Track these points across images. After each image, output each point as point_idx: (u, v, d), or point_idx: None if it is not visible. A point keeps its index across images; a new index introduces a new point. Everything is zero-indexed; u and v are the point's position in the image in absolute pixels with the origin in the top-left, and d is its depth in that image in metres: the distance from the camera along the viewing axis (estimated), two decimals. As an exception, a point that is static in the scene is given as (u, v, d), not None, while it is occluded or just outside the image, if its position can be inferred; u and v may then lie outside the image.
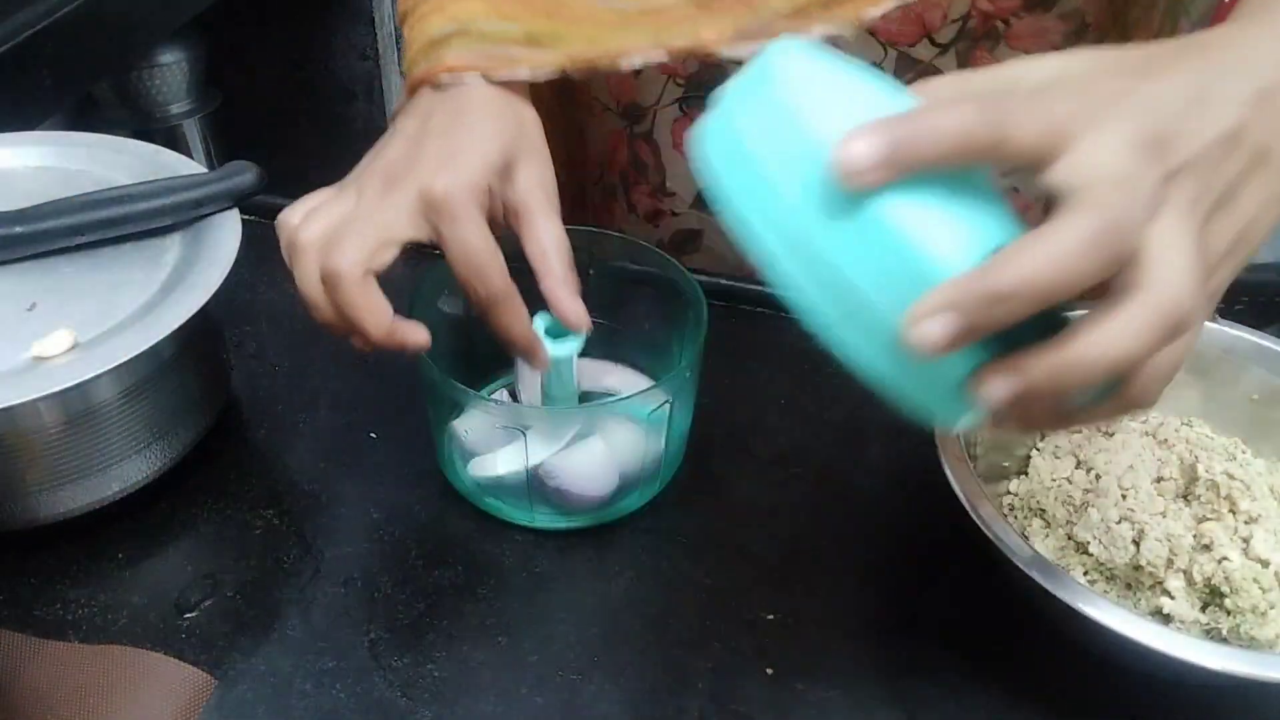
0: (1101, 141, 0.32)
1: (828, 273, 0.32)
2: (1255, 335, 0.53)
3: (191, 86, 1.47)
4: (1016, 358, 0.32)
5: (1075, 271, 0.30)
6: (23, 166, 0.56)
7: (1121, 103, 0.33)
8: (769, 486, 0.55)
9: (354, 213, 0.46)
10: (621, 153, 0.72)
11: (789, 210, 0.32)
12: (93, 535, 0.51)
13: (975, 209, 0.33)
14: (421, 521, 0.52)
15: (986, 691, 0.46)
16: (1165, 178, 0.32)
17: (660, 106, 0.67)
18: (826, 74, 0.35)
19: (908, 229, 0.31)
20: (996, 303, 0.30)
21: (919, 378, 0.33)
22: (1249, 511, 0.47)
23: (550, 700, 0.45)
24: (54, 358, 0.45)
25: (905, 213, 0.31)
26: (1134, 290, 0.31)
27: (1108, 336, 0.31)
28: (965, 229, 0.32)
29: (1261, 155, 0.34)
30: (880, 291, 0.31)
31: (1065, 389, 0.32)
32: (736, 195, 0.33)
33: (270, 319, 0.64)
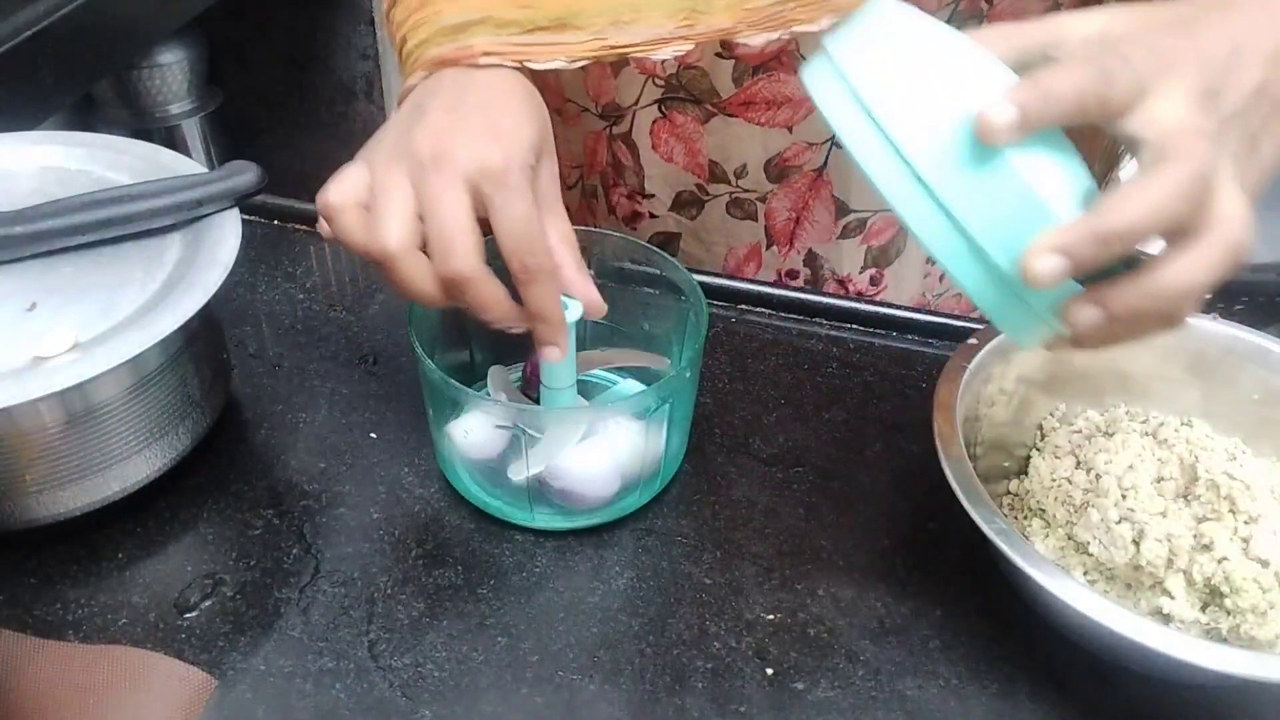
0: (1171, 96, 0.36)
1: (954, 209, 0.36)
2: (1255, 335, 0.53)
3: (191, 86, 1.47)
4: (1108, 289, 0.37)
5: (1170, 215, 0.35)
6: (23, 166, 0.56)
7: (1179, 60, 0.37)
8: (769, 486, 0.55)
9: (429, 205, 0.43)
10: (601, 153, 0.72)
11: (922, 153, 0.36)
12: (93, 535, 0.51)
13: (1065, 157, 0.38)
14: (421, 521, 0.52)
15: (986, 691, 0.46)
16: (1220, 127, 0.37)
17: (639, 107, 0.67)
18: (932, 28, 0.39)
19: (1028, 177, 0.35)
20: (1103, 244, 0.35)
21: (1018, 301, 0.37)
22: (1249, 511, 0.47)
23: (550, 700, 0.45)
24: (54, 358, 0.45)
25: (1025, 164, 0.35)
26: (1204, 230, 0.36)
27: (1187, 271, 0.36)
28: (1064, 176, 0.37)
29: (1277, 105, 0.38)
30: (1000, 227, 0.36)
31: (1146, 316, 0.37)
32: (863, 138, 0.37)
33: (270, 319, 0.64)
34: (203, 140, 1.51)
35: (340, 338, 0.63)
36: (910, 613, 0.49)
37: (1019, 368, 0.54)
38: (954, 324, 0.65)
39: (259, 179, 0.54)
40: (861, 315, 0.66)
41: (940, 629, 0.49)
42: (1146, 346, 0.54)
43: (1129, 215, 0.35)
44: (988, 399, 0.53)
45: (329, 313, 0.65)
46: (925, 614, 0.49)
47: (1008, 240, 0.36)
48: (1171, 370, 0.54)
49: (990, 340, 0.52)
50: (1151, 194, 0.35)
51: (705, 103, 0.65)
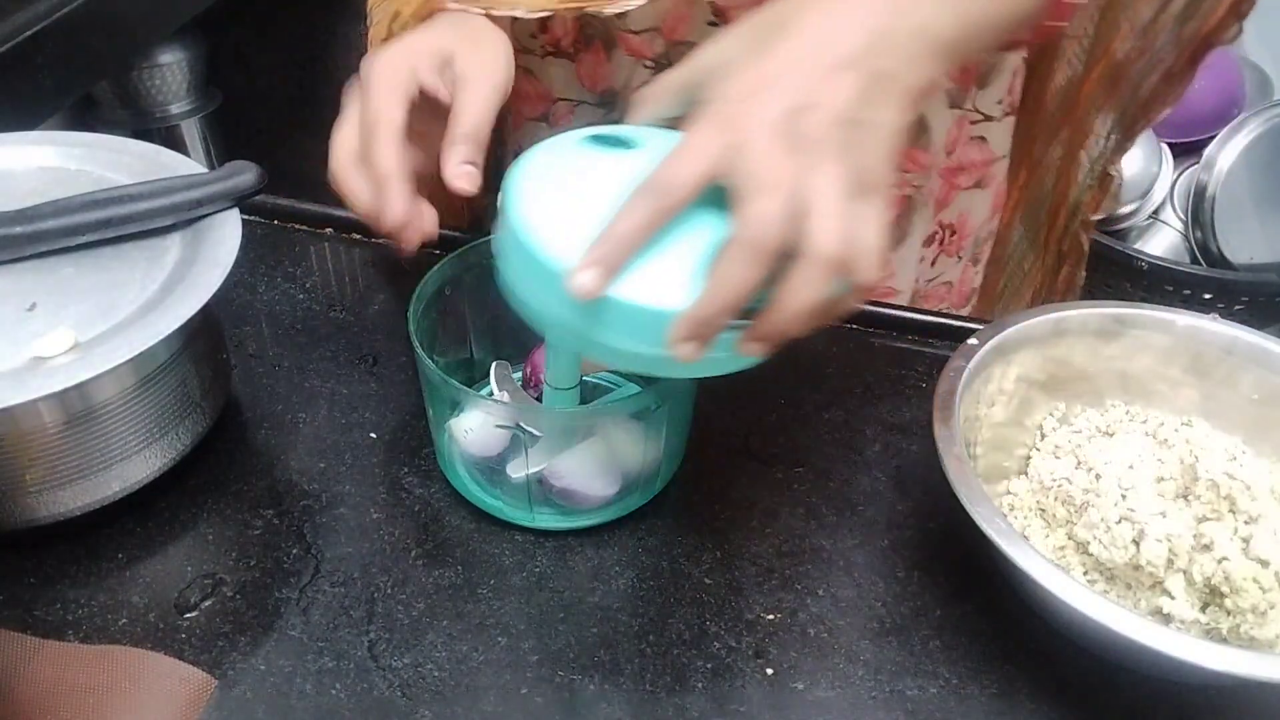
0: (755, 135, 0.40)
1: (594, 336, 0.42)
2: (1255, 335, 0.53)
3: (191, 86, 1.47)
4: (757, 325, 0.41)
5: (751, 282, 0.39)
6: (23, 166, 0.56)
7: (759, 92, 0.41)
8: (768, 487, 0.55)
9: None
10: None
11: (559, 310, 0.42)
12: (93, 535, 0.51)
13: (677, 246, 0.41)
14: (421, 521, 0.52)
15: (986, 691, 0.46)
16: (805, 147, 0.39)
17: (631, 90, 0.68)
18: (552, 193, 0.44)
19: (635, 299, 0.40)
20: (711, 324, 0.40)
21: (692, 368, 0.42)
22: (1249, 511, 0.47)
23: (550, 700, 0.45)
24: (54, 358, 0.45)
25: (629, 289, 0.40)
26: (801, 253, 0.39)
27: (798, 295, 0.40)
28: (676, 262, 0.41)
29: (869, 97, 0.41)
30: (633, 337, 0.41)
31: (794, 329, 0.41)
32: (521, 296, 0.44)
33: (270, 319, 0.64)
34: (203, 140, 1.51)
35: (340, 338, 0.63)
36: (910, 613, 0.49)
37: (1019, 368, 0.54)
38: (954, 324, 0.65)
39: (259, 179, 0.54)
40: (861, 315, 0.66)
41: (940, 629, 0.49)
42: (1146, 346, 0.54)
43: (717, 302, 0.39)
44: (988, 399, 0.53)
45: (329, 313, 0.65)
46: (925, 614, 0.49)
47: (648, 340, 0.41)
48: (1171, 370, 0.54)
49: (990, 340, 0.52)
50: (725, 280, 0.39)
51: None
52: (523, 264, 0.43)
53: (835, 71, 0.41)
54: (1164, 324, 0.54)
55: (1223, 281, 1.66)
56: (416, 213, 0.51)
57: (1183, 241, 1.74)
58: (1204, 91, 1.77)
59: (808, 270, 0.39)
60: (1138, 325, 0.54)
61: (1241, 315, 1.70)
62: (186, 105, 1.48)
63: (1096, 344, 0.55)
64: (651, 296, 0.41)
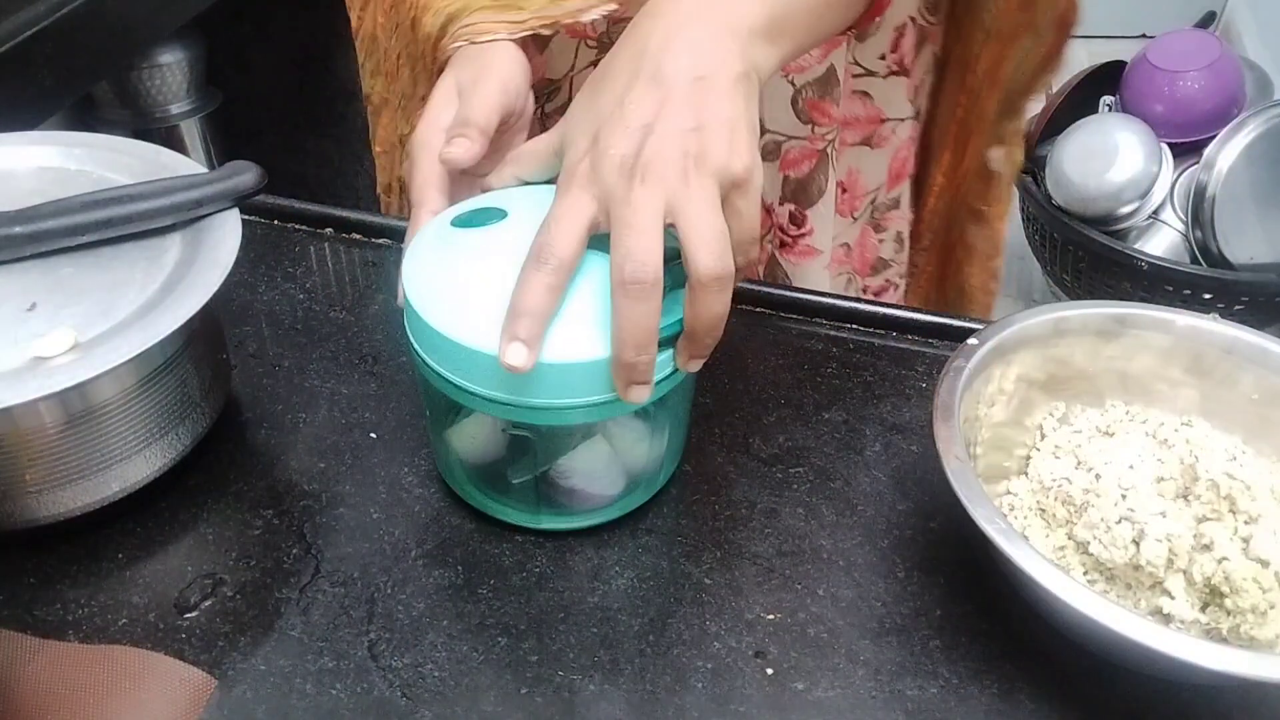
0: (609, 197, 0.44)
1: (533, 402, 0.45)
2: (1255, 335, 0.53)
3: (191, 86, 1.47)
4: (681, 351, 0.46)
5: (650, 315, 0.42)
6: (23, 166, 0.56)
7: (599, 148, 0.45)
8: (769, 486, 0.55)
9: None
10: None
11: (486, 387, 0.45)
12: (93, 535, 0.51)
13: (579, 296, 0.45)
14: (422, 521, 0.52)
15: (986, 691, 0.46)
16: (657, 174, 0.43)
17: (575, 73, 0.68)
18: (450, 283, 0.47)
19: (568, 357, 0.44)
20: (637, 365, 0.43)
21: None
22: (1249, 511, 0.47)
23: (550, 700, 0.45)
24: (54, 358, 0.45)
25: (557, 352, 0.44)
26: (687, 280, 0.43)
27: (705, 316, 0.44)
28: (589, 320, 0.44)
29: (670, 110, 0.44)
30: (576, 389, 0.45)
31: (712, 341, 0.45)
32: (443, 383, 0.47)
33: (270, 319, 0.64)
34: (203, 140, 1.51)
35: (340, 338, 0.63)
36: (910, 613, 0.49)
37: (1019, 367, 0.54)
38: (954, 324, 0.65)
39: (259, 179, 0.54)
40: (861, 315, 0.66)
41: (940, 629, 0.49)
42: (1146, 346, 0.54)
43: (632, 332, 0.43)
44: (988, 399, 0.53)
45: (329, 313, 0.65)
46: (925, 614, 0.49)
47: (584, 389, 0.45)
48: (1171, 370, 0.54)
49: (990, 340, 0.52)
50: (628, 295, 0.42)
51: None
52: (443, 357, 0.46)
53: (657, 92, 0.45)
54: (1164, 324, 0.54)
55: (1223, 281, 1.66)
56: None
57: (1183, 241, 1.74)
58: (1204, 91, 1.77)
59: (701, 293, 0.43)
60: (1138, 325, 0.54)
61: (1241, 315, 1.70)
62: (186, 105, 1.48)
63: (1096, 344, 0.55)
64: (578, 352, 0.44)
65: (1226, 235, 1.68)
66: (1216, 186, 1.68)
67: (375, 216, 0.72)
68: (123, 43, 1.06)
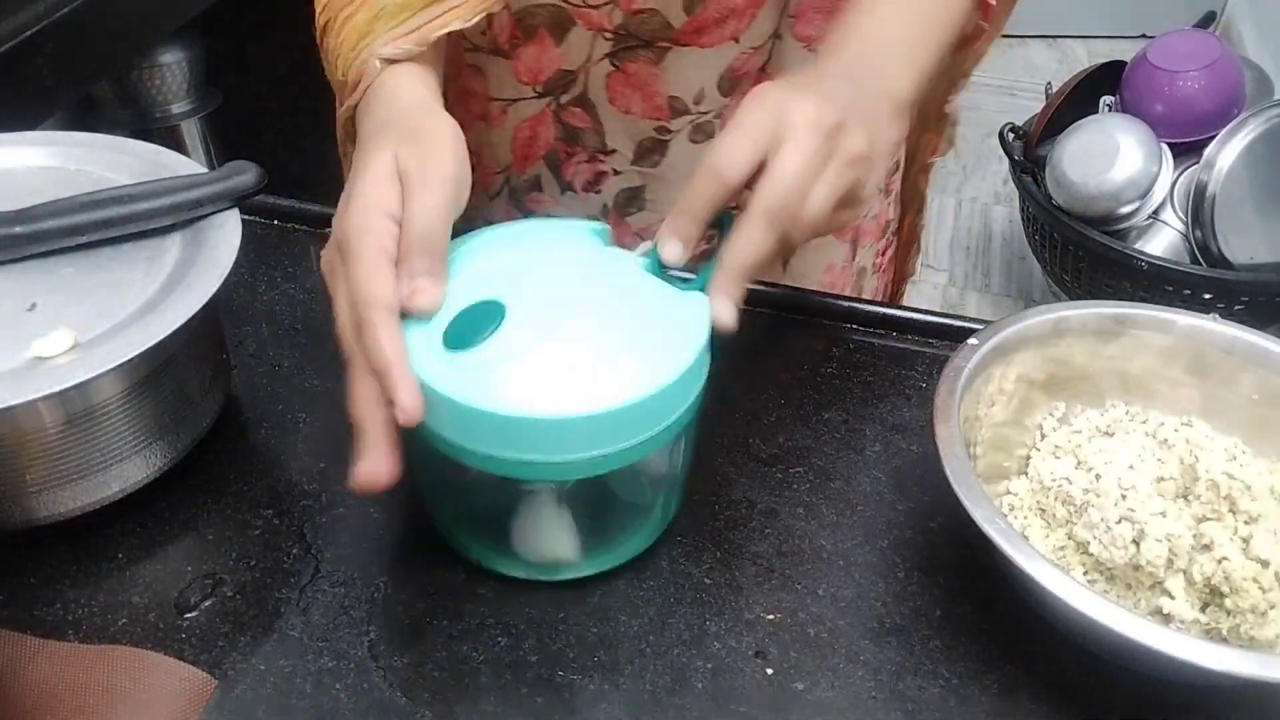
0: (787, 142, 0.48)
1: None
2: (1255, 335, 0.53)
3: (191, 86, 1.47)
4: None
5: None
6: (23, 166, 0.56)
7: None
8: (769, 486, 0.55)
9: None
10: (544, 135, 0.72)
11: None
12: (93, 535, 0.51)
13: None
14: (422, 522, 0.52)
15: (986, 691, 0.46)
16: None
17: (591, 64, 0.68)
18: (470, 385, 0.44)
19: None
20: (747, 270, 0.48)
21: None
22: (1249, 511, 0.47)
23: (550, 700, 0.45)
24: (54, 358, 0.45)
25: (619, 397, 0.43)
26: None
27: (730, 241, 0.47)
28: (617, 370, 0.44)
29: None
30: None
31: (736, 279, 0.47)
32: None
33: (270, 319, 0.64)
34: (203, 140, 1.51)
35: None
36: (910, 613, 0.49)
37: (1019, 367, 0.54)
38: (954, 324, 0.65)
39: (259, 179, 0.54)
40: (861, 315, 0.66)
41: (940, 629, 0.49)
42: (1146, 346, 0.54)
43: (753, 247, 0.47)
44: (988, 399, 0.53)
45: (329, 313, 0.65)
46: (925, 614, 0.49)
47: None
48: (1171, 370, 0.54)
49: (990, 340, 0.52)
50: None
51: (658, 41, 0.66)
52: (508, 439, 0.43)
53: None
54: (1164, 324, 0.54)
55: (1223, 281, 1.66)
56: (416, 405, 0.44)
57: (1183, 241, 1.74)
58: (1204, 91, 1.77)
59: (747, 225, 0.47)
60: (1138, 325, 0.54)
61: (1241, 315, 1.70)
62: (186, 105, 1.48)
63: (1096, 344, 0.55)
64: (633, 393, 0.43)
65: (1226, 235, 1.68)
66: (1216, 186, 1.68)
67: (375, 216, 0.72)
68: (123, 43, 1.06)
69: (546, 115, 0.71)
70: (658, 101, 0.69)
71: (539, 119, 0.71)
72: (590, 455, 0.44)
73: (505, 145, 0.73)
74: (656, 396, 0.43)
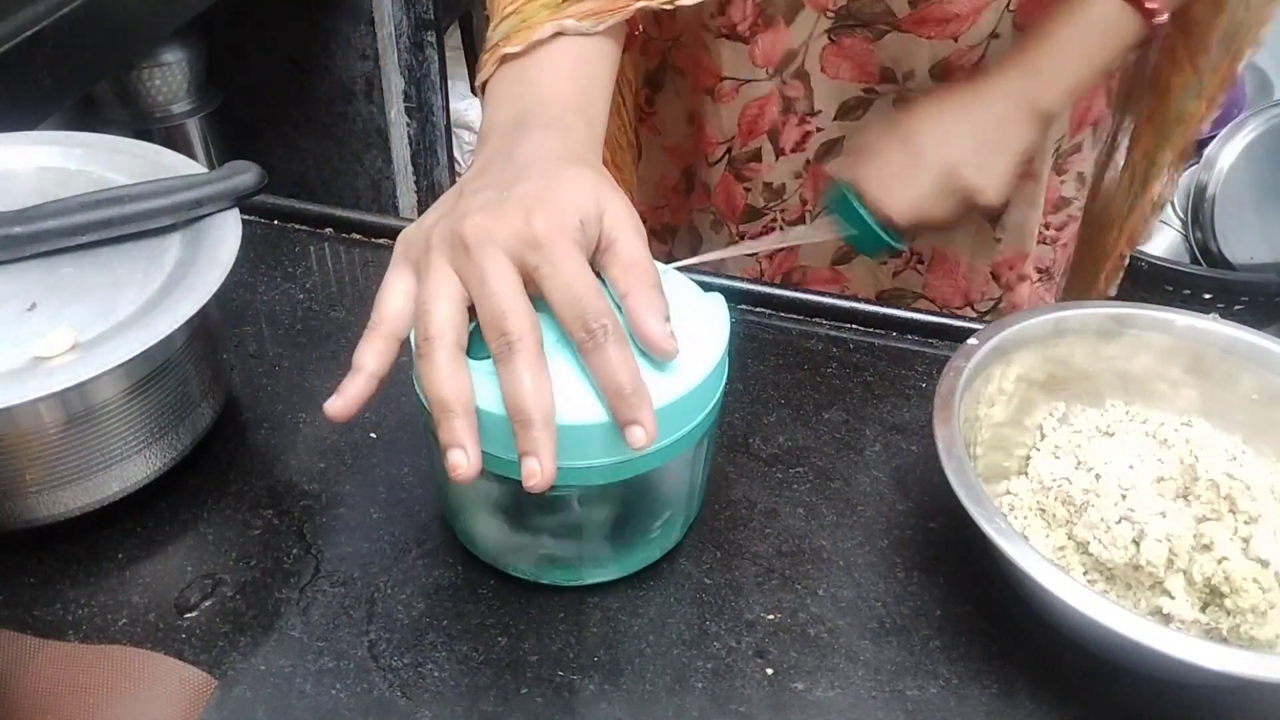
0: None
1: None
2: (1255, 335, 0.53)
3: (191, 86, 1.47)
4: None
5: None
6: (23, 166, 0.56)
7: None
8: (769, 486, 0.55)
9: (476, 286, 0.43)
10: (770, 111, 0.75)
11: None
12: (93, 535, 0.51)
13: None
14: (421, 521, 0.52)
15: (986, 691, 0.46)
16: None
17: (811, 39, 0.71)
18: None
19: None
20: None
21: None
22: (1249, 511, 0.47)
23: (550, 700, 0.45)
24: (54, 358, 0.45)
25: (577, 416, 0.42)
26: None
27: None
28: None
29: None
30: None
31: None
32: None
33: (270, 319, 0.64)
34: (203, 140, 1.51)
35: (340, 338, 0.63)
36: (910, 613, 0.49)
37: (1019, 367, 0.54)
38: (954, 324, 0.65)
39: (259, 179, 0.54)
40: (861, 315, 0.66)
41: (940, 629, 0.49)
42: (1146, 346, 0.54)
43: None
44: (988, 399, 0.53)
45: (329, 313, 0.65)
46: (925, 614, 0.49)
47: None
48: (1171, 370, 0.54)
49: (990, 340, 0.52)
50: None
51: (878, 24, 0.69)
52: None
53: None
54: (1164, 324, 0.54)
55: (1223, 281, 1.66)
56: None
57: (1183, 241, 1.74)
58: (1204, 91, 1.77)
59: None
60: (1138, 325, 0.54)
61: (1241, 315, 1.70)
62: (186, 105, 1.48)
63: (1096, 344, 0.55)
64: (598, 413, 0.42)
65: (1226, 235, 1.68)
66: (1216, 186, 1.68)
67: (375, 216, 0.72)
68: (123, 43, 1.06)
69: (774, 95, 0.73)
70: (869, 69, 0.72)
71: (767, 99, 0.74)
72: (613, 461, 0.43)
73: (732, 120, 0.75)
74: (682, 400, 0.43)
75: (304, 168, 1.67)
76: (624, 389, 0.40)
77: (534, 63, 0.53)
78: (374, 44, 1.54)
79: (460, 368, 0.41)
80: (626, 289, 0.43)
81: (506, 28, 0.54)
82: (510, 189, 0.44)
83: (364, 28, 1.53)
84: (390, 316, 0.44)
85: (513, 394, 0.40)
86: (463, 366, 0.42)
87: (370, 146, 1.61)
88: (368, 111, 1.59)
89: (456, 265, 0.43)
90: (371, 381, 0.44)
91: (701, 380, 0.44)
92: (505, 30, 0.54)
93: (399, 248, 0.46)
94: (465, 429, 0.41)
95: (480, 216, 0.43)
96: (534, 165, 0.46)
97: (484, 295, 0.41)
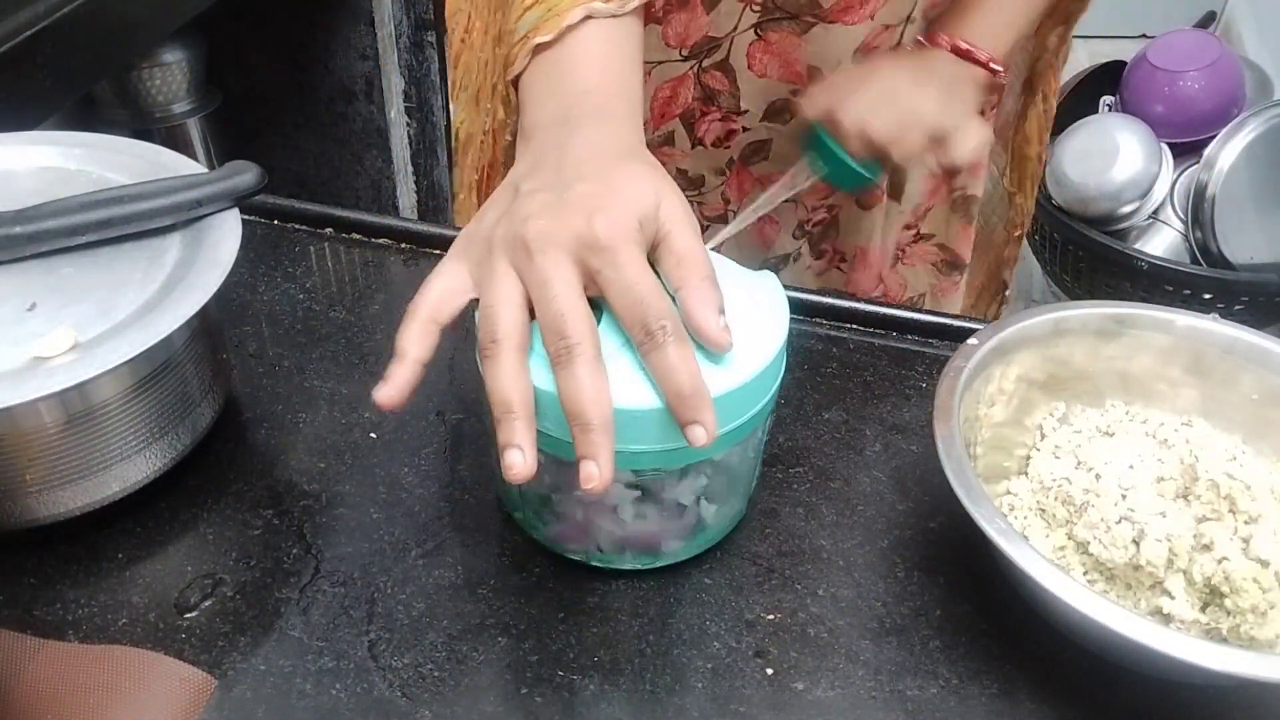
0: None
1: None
2: (1255, 335, 0.53)
3: (191, 86, 1.47)
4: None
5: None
6: (23, 166, 0.56)
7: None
8: (769, 486, 0.55)
9: (537, 289, 0.44)
10: (683, 95, 0.74)
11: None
12: (93, 535, 0.51)
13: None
14: (421, 521, 0.52)
15: (986, 691, 0.46)
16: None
17: (737, 33, 0.70)
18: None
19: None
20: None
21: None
22: (1249, 511, 0.47)
23: (550, 700, 0.45)
24: (54, 358, 0.45)
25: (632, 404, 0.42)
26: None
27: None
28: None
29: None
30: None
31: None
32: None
33: (270, 319, 0.64)
34: (203, 140, 1.52)
35: (340, 338, 0.63)
36: (910, 613, 0.49)
37: (1019, 368, 0.54)
38: (954, 324, 0.65)
39: (259, 179, 0.54)
40: (861, 315, 0.66)
41: (940, 629, 0.49)
42: (1146, 346, 0.54)
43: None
44: (988, 399, 0.53)
45: (329, 313, 0.65)
46: (925, 614, 0.49)
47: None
48: (1171, 370, 0.54)
49: (990, 340, 0.52)
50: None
51: (804, 16, 0.69)
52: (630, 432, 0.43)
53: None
54: (1164, 324, 0.54)
55: (1223, 281, 1.66)
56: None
57: (1183, 241, 1.74)
58: (1204, 91, 1.77)
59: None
60: (1138, 325, 0.54)
61: (1241, 315, 1.70)
62: (186, 105, 1.48)
63: (1096, 344, 0.55)
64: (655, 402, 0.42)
65: (1226, 235, 1.68)
66: (1216, 186, 1.68)
67: (375, 216, 0.72)
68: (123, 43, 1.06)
69: (688, 77, 0.73)
70: (796, 69, 0.72)
71: (680, 80, 0.73)
72: (673, 446, 0.43)
73: (645, 102, 0.75)
74: (740, 390, 0.43)
75: (304, 168, 1.67)
76: (684, 389, 0.41)
77: (568, 51, 0.53)
78: (374, 44, 1.54)
79: (523, 370, 0.42)
80: (680, 282, 0.43)
81: (533, 18, 0.54)
82: (568, 189, 0.44)
83: (364, 28, 1.54)
84: (434, 302, 0.45)
85: (573, 398, 0.41)
86: (525, 369, 0.42)
87: (370, 146, 1.61)
88: (368, 111, 1.59)
89: (518, 267, 0.43)
90: (417, 367, 0.44)
91: (760, 370, 0.44)
92: (533, 20, 0.54)
93: (459, 243, 0.47)
94: (524, 430, 0.42)
95: (542, 220, 0.43)
96: (589, 163, 0.46)
97: (545, 298, 0.42)
